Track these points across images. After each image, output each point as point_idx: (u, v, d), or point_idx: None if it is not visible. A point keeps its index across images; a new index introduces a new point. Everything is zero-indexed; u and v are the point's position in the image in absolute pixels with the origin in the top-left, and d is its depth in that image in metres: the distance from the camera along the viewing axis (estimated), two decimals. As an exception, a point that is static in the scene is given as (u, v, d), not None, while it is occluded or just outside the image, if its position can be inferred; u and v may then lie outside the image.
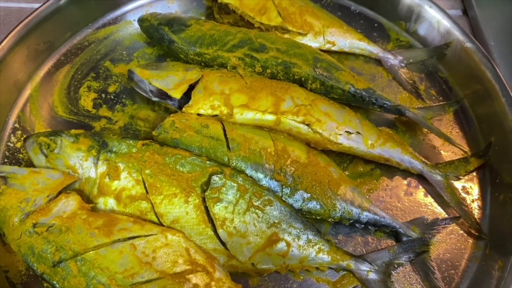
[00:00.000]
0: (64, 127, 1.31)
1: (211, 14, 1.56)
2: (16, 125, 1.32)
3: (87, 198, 1.10)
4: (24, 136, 1.29)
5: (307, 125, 1.19)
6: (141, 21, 1.45)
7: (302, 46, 1.34)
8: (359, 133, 1.22)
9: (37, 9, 1.38)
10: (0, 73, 1.29)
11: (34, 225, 1.00)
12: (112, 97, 1.38)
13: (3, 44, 1.30)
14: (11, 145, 1.28)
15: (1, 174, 1.08)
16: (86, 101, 1.36)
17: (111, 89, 1.39)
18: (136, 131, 1.31)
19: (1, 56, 1.28)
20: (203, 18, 1.55)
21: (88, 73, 1.42)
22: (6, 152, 1.27)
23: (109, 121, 1.33)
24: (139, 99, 1.37)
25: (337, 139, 1.20)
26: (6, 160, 1.25)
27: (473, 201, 1.23)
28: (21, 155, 1.26)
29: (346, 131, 1.21)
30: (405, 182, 1.26)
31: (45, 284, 1.07)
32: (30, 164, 1.18)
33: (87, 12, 1.52)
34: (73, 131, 1.16)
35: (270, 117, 1.19)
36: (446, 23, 1.43)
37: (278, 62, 1.29)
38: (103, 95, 1.38)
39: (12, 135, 1.30)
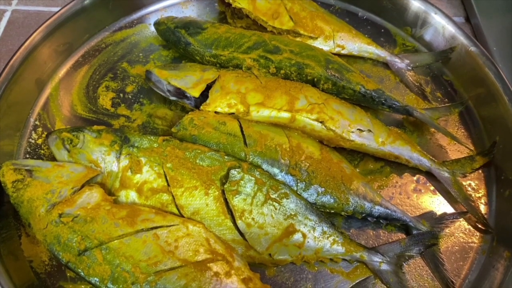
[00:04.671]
0: (83, 125, 1.35)
1: (224, 18, 1.61)
2: (37, 122, 1.36)
3: (108, 191, 1.14)
4: (45, 133, 1.33)
5: (321, 122, 1.24)
6: (157, 24, 1.50)
7: (314, 49, 1.39)
8: (370, 131, 1.27)
9: (58, 11, 1.43)
10: (23, 71, 1.33)
11: (60, 215, 1.03)
12: (130, 96, 1.42)
13: (26, 44, 1.35)
14: (32, 141, 1.32)
15: (27, 168, 1.12)
16: (105, 100, 1.41)
17: (128, 89, 1.44)
18: (154, 129, 1.35)
19: (24, 55, 1.33)
20: (216, 22, 1.60)
21: (106, 73, 1.47)
22: (27, 148, 1.31)
23: (127, 119, 1.37)
24: (156, 99, 1.41)
25: (350, 136, 1.25)
26: (28, 156, 1.29)
27: (479, 197, 1.28)
28: (42, 151, 1.30)
29: (358, 129, 1.26)
30: (414, 179, 1.31)
31: (68, 274, 1.11)
32: (51, 159, 1.22)
33: (104, 15, 1.57)
34: (95, 127, 1.20)
35: (285, 115, 1.24)
36: (451, 29, 1.50)
37: (291, 63, 1.34)
38: (121, 95, 1.42)
39: (33, 132, 1.34)
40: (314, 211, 1.13)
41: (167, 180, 1.11)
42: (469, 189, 1.28)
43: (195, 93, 1.27)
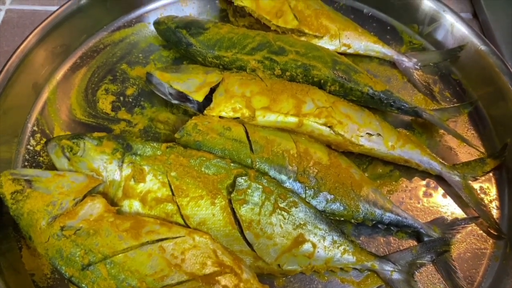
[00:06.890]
0: (83, 130, 1.31)
1: (226, 17, 1.57)
2: (35, 128, 1.32)
3: (111, 201, 1.10)
4: (44, 139, 1.29)
5: (329, 127, 1.20)
6: (157, 24, 1.45)
7: (320, 49, 1.35)
8: (379, 134, 1.23)
9: (53, 12, 1.38)
10: (19, 75, 1.29)
11: (62, 228, 1.00)
12: (130, 99, 1.38)
13: (22, 46, 1.30)
14: (31, 148, 1.28)
15: (26, 178, 1.07)
16: (105, 103, 1.36)
17: (129, 92, 1.39)
18: (156, 134, 1.31)
19: (20, 58, 1.28)
20: (218, 21, 1.55)
21: (105, 76, 1.43)
22: (26, 155, 1.27)
23: (128, 124, 1.33)
24: (158, 102, 1.37)
25: (359, 140, 1.22)
26: (26, 163, 1.25)
27: (491, 201, 1.25)
28: (41, 158, 1.26)
29: (367, 133, 1.23)
30: (424, 183, 1.27)
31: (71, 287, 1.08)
32: (51, 167, 1.18)
33: (102, 15, 1.52)
34: (96, 134, 1.16)
35: (292, 119, 1.20)
36: (460, 26, 1.45)
37: (297, 65, 1.30)
38: (121, 98, 1.38)
39: (31, 138, 1.30)
40: (324, 220, 1.10)
41: (171, 189, 1.08)
42: (481, 193, 1.26)
43: (199, 97, 1.23)
